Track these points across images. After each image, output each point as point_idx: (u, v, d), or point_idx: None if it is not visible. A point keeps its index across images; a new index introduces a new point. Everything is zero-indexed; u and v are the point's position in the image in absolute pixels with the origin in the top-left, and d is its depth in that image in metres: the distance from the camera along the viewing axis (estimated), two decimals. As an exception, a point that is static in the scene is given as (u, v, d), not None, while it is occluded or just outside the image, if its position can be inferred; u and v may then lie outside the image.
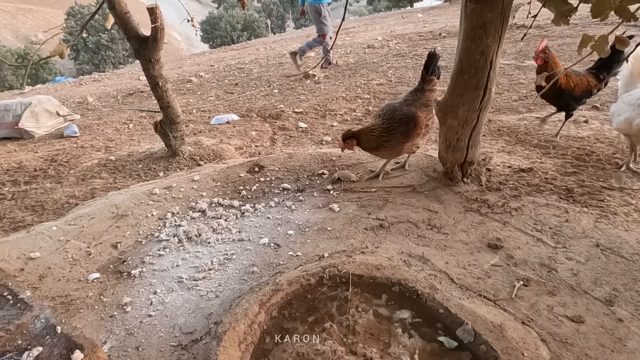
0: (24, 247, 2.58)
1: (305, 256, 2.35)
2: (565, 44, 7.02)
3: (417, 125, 2.91)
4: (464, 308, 1.84)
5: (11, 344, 1.77)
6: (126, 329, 1.96)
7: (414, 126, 2.89)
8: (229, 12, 39.33)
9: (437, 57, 3.05)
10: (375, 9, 41.37)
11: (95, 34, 32.08)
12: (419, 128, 2.92)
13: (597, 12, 1.58)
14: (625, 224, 2.44)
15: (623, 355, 1.66)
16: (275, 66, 8.96)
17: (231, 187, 3.29)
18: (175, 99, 4.11)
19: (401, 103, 3.01)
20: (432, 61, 3.03)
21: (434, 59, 3.04)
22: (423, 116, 2.94)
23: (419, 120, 2.91)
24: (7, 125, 5.71)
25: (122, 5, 3.66)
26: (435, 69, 3.07)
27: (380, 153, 3.06)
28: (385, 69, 7.29)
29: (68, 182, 3.96)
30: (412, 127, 2.89)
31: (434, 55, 3.03)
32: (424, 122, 2.94)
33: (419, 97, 3.02)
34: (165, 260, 2.46)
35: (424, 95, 3.03)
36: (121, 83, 9.95)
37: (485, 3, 2.37)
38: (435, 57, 3.05)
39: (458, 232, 2.51)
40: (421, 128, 2.94)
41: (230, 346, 1.71)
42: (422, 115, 2.93)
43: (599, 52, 1.68)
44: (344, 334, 1.81)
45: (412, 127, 2.89)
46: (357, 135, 2.90)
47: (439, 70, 3.10)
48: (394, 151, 3.03)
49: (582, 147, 3.49)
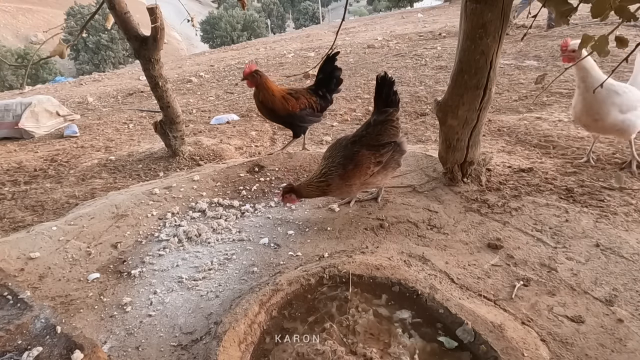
0: (24, 247, 2.58)
1: (305, 256, 2.35)
2: (565, 44, 7.02)
3: (358, 166, 2.56)
4: (464, 308, 1.84)
5: (11, 344, 1.77)
6: (126, 329, 1.96)
7: (353, 168, 2.56)
8: (229, 12, 39.36)
9: (390, 83, 2.64)
10: (375, 9, 41.39)
11: (95, 34, 32.09)
12: (362, 169, 2.57)
13: (597, 12, 1.58)
14: (625, 224, 2.44)
15: (623, 355, 1.66)
16: (275, 66, 8.96)
17: (231, 187, 3.29)
18: (175, 99, 4.11)
19: (348, 141, 2.67)
20: (384, 88, 2.65)
21: (385, 85, 2.64)
22: (368, 154, 2.58)
23: (361, 160, 2.57)
24: (7, 125, 5.71)
25: (122, 5, 3.66)
26: (391, 96, 2.68)
27: (331, 195, 2.76)
28: (385, 69, 7.29)
29: (68, 182, 3.96)
30: (352, 169, 2.56)
31: (385, 80, 2.63)
32: (370, 160, 2.58)
33: (369, 132, 2.66)
34: (165, 260, 2.46)
35: (376, 129, 2.66)
36: (121, 83, 9.95)
37: (485, 3, 2.37)
38: (387, 82, 2.63)
39: (458, 232, 2.51)
40: (367, 168, 2.58)
41: (230, 346, 1.71)
42: (367, 154, 2.58)
43: (599, 52, 1.68)
44: (344, 334, 1.81)
45: (352, 169, 2.56)
46: (296, 191, 2.61)
47: (396, 97, 2.70)
48: (343, 192, 2.72)
49: (582, 147, 3.49)
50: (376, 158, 2.61)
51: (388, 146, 2.65)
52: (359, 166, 2.57)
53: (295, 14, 52.27)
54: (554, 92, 4.98)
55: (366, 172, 2.60)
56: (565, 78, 5.30)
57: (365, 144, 2.62)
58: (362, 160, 2.58)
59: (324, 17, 50.71)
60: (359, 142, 2.63)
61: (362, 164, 2.58)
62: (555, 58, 6.37)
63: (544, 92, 4.92)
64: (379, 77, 2.63)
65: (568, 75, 5.32)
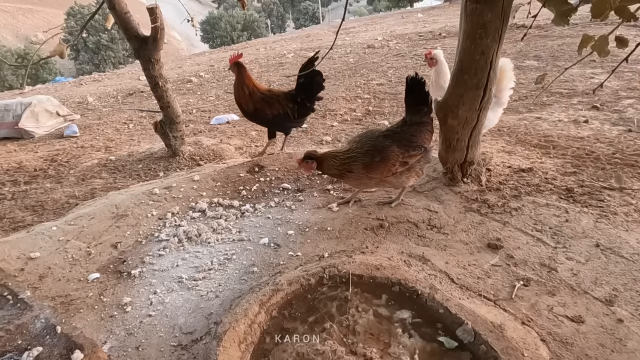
0: (24, 247, 2.58)
1: (305, 256, 2.35)
2: (565, 44, 7.03)
3: (384, 161, 2.54)
4: (464, 308, 1.84)
5: (11, 344, 1.77)
6: (126, 329, 1.96)
7: (380, 161, 2.53)
8: (229, 12, 39.40)
9: (421, 83, 2.59)
10: (375, 9, 41.42)
11: (95, 34, 32.09)
12: (387, 165, 2.55)
13: (597, 12, 1.59)
14: (625, 224, 2.44)
15: (623, 355, 1.66)
16: (275, 66, 8.96)
17: (231, 187, 3.29)
18: (175, 99, 4.11)
19: (380, 133, 2.66)
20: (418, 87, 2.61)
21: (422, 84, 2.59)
22: (398, 152, 2.56)
23: (389, 155, 2.54)
24: (7, 125, 5.71)
25: (122, 5, 3.66)
26: (426, 95, 2.63)
27: (346, 181, 2.75)
28: (385, 69, 7.29)
29: (68, 182, 3.96)
30: (378, 162, 2.53)
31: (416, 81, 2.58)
32: (397, 159, 2.56)
33: (404, 130, 2.64)
34: (165, 260, 2.46)
35: (412, 129, 2.63)
36: (121, 83, 9.95)
37: (485, 3, 2.37)
38: (421, 82, 2.59)
39: (458, 232, 2.51)
40: (392, 165, 2.56)
41: (230, 346, 1.71)
42: (397, 151, 2.56)
43: (599, 52, 1.68)
44: (344, 334, 1.81)
45: (378, 162, 2.53)
46: (319, 159, 2.59)
47: (429, 98, 2.66)
48: (360, 183, 2.70)
49: (582, 147, 3.49)
50: (404, 157, 2.58)
51: (418, 149, 2.62)
52: (386, 161, 2.54)
53: (295, 14, 52.27)
54: (554, 92, 4.98)
55: (390, 170, 2.57)
56: (565, 78, 5.30)
57: (397, 140, 2.59)
58: (390, 156, 2.55)
59: (324, 17, 50.72)
60: (391, 137, 2.60)
61: (389, 159, 2.55)
62: (556, 58, 6.37)
63: (544, 92, 4.92)
64: (409, 79, 2.60)
65: (568, 75, 5.32)
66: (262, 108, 3.61)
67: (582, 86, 5.08)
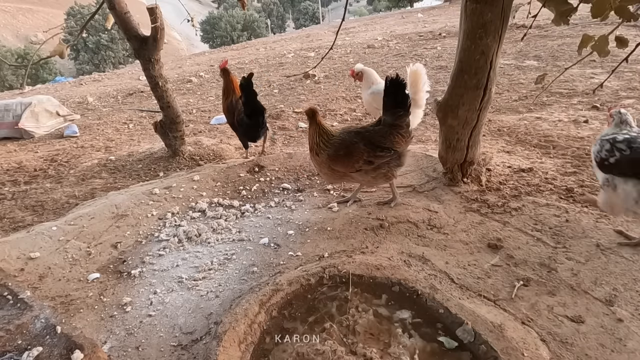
0: (24, 247, 2.58)
1: (305, 256, 2.35)
2: (565, 44, 7.03)
3: (347, 156, 2.56)
4: (464, 308, 1.84)
5: (11, 344, 1.77)
6: (126, 329, 1.96)
7: (343, 155, 2.56)
8: (229, 12, 39.40)
9: (401, 84, 2.55)
10: (375, 9, 41.43)
11: (95, 34, 32.10)
12: (350, 160, 2.57)
13: (597, 12, 1.59)
14: (625, 224, 2.44)
15: (623, 355, 1.66)
16: (275, 66, 8.96)
17: (231, 187, 3.29)
18: (175, 99, 4.11)
19: (354, 129, 2.68)
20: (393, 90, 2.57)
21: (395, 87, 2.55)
22: (362, 150, 2.55)
23: (353, 152, 2.56)
24: (7, 125, 5.71)
25: (122, 5, 3.66)
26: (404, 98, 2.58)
27: (319, 169, 2.78)
28: (385, 69, 7.29)
29: (68, 182, 3.96)
30: (341, 156, 2.56)
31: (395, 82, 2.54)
32: (362, 156, 2.56)
33: (375, 130, 2.62)
34: (165, 260, 2.46)
35: (382, 130, 2.60)
36: (121, 83, 9.95)
37: (485, 3, 2.37)
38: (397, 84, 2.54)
39: (458, 232, 2.51)
40: (355, 161, 2.57)
41: (230, 346, 1.71)
42: (362, 149, 2.55)
43: (599, 52, 1.68)
44: (344, 334, 1.81)
45: (341, 156, 2.56)
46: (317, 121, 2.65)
47: (407, 101, 2.59)
48: (327, 173, 2.71)
49: (582, 147, 3.49)
50: (369, 156, 2.58)
51: (387, 151, 2.60)
52: (349, 156, 2.58)
53: (295, 14, 52.29)
54: (554, 92, 4.98)
55: (353, 165, 2.60)
56: (565, 78, 5.30)
57: (365, 138, 2.60)
58: (354, 153, 2.57)
59: (324, 17, 50.72)
60: (361, 134, 2.62)
61: (353, 155, 2.57)
62: (556, 58, 6.37)
63: (544, 92, 4.92)
64: (388, 79, 2.56)
65: (568, 75, 5.32)
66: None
67: (582, 86, 5.08)
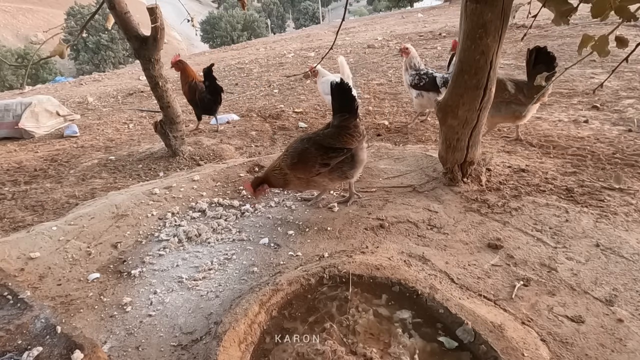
0: (24, 247, 2.58)
1: (305, 256, 2.35)
2: (565, 44, 7.03)
3: (303, 162, 2.62)
4: (464, 308, 1.84)
5: (11, 344, 1.77)
6: (126, 328, 1.96)
7: (298, 162, 2.62)
8: (229, 12, 39.40)
9: (346, 89, 2.64)
10: (375, 9, 41.43)
11: (95, 34, 32.10)
12: (307, 165, 2.62)
13: (597, 12, 1.58)
14: (625, 224, 2.44)
15: (623, 355, 1.66)
16: (275, 66, 8.96)
17: (231, 187, 3.29)
18: (175, 99, 4.11)
19: (304, 137, 2.74)
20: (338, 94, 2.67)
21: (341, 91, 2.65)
22: (315, 154, 2.62)
23: (306, 157, 2.62)
24: (7, 125, 5.71)
25: (122, 5, 3.66)
26: (347, 102, 2.67)
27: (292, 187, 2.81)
28: (385, 69, 7.29)
29: (68, 182, 3.96)
30: (296, 163, 2.62)
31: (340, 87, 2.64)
32: (316, 160, 2.62)
33: (324, 134, 2.69)
34: (165, 260, 2.46)
35: (331, 132, 2.68)
36: (121, 83, 9.95)
37: (485, 3, 2.37)
38: (342, 89, 2.64)
39: (458, 232, 2.51)
40: (312, 166, 2.63)
41: (230, 346, 1.71)
42: (314, 153, 2.62)
43: (599, 52, 1.68)
44: (344, 334, 1.81)
45: (296, 163, 2.62)
46: (265, 178, 2.69)
47: (354, 104, 2.67)
48: (300, 185, 2.76)
49: (582, 147, 3.49)
50: (323, 159, 2.64)
51: (339, 151, 2.66)
52: (305, 162, 2.64)
53: (295, 14, 52.27)
54: (554, 92, 4.98)
55: (311, 170, 2.65)
56: (565, 78, 5.30)
57: (316, 142, 2.67)
58: (308, 158, 2.64)
59: (324, 17, 50.72)
60: (312, 139, 2.69)
61: (308, 161, 2.63)
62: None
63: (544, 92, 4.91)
64: (333, 84, 2.66)
65: (568, 75, 5.32)
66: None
67: (582, 86, 5.08)
